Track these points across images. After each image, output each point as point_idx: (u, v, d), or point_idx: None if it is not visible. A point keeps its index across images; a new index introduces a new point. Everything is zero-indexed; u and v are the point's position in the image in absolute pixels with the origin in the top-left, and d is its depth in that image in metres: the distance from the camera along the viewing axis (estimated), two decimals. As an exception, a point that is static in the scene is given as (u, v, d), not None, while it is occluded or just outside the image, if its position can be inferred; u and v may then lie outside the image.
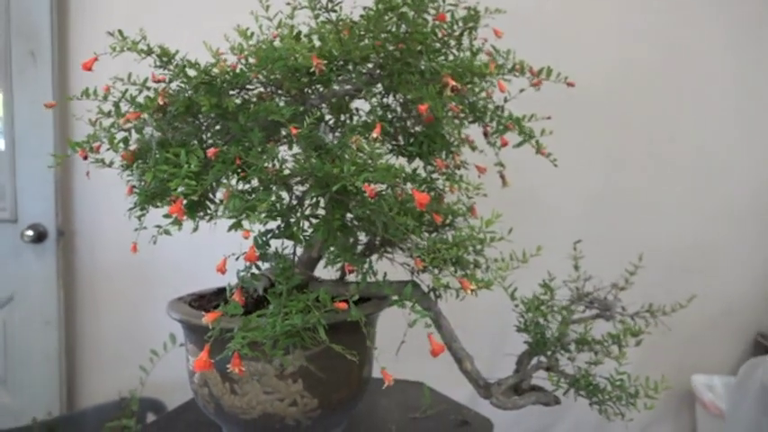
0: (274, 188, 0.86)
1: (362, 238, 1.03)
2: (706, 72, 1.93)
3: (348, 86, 1.00)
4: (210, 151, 0.85)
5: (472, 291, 0.82)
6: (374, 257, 1.04)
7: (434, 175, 1.04)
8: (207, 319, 0.82)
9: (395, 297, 0.89)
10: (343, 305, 0.84)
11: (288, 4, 0.97)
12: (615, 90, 1.92)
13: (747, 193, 1.98)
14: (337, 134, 1.03)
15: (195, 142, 0.94)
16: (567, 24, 1.90)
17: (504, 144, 1.06)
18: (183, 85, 0.92)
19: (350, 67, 0.97)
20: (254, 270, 0.92)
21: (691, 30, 1.92)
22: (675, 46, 1.92)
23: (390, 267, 1.02)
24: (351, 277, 1.02)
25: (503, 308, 1.06)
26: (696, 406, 1.94)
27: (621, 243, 1.87)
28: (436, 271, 0.89)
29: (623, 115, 1.93)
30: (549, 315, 0.98)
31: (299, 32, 0.96)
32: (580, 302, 1.02)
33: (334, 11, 0.95)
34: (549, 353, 0.97)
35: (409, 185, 0.93)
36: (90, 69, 0.91)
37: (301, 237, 0.87)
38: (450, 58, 1.02)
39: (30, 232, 1.87)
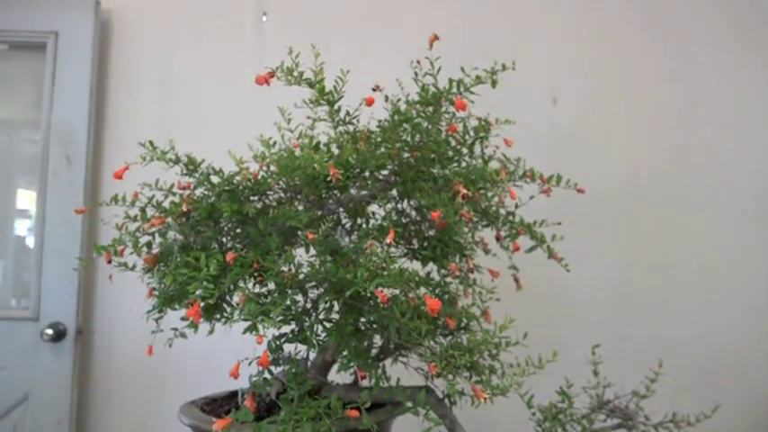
0: (289, 292, 0.87)
1: (377, 340, 1.02)
2: (713, 171, 1.96)
3: (364, 192, 1.04)
4: (229, 256, 0.88)
5: (485, 399, 0.80)
6: (388, 361, 1.03)
7: (448, 279, 1.05)
8: (217, 426, 0.81)
9: (408, 404, 0.87)
10: (354, 413, 0.83)
11: (308, 117, 1.03)
12: (625, 191, 1.95)
13: (765, 290, 1.94)
14: (353, 237, 1.06)
15: (215, 246, 0.97)
16: (576, 131, 1.97)
17: (516, 249, 1.08)
18: (206, 192, 0.96)
19: (366, 174, 1.01)
20: (267, 375, 0.91)
21: (696, 129, 1.97)
22: (682, 145, 1.97)
23: (404, 372, 1.00)
24: (364, 382, 1.00)
25: (521, 415, 1.03)
26: None
27: (640, 343, 1.84)
28: (450, 377, 0.88)
29: (634, 215, 1.95)
30: (567, 425, 0.95)
31: (318, 142, 1.02)
32: (600, 411, 0.99)
33: (352, 123, 1.01)
34: (569, 465, 0.93)
35: (423, 290, 0.94)
36: (121, 178, 0.97)
37: (315, 341, 0.88)
38: (463, 165, 1.06)
39: (49, 331, 1.89)
